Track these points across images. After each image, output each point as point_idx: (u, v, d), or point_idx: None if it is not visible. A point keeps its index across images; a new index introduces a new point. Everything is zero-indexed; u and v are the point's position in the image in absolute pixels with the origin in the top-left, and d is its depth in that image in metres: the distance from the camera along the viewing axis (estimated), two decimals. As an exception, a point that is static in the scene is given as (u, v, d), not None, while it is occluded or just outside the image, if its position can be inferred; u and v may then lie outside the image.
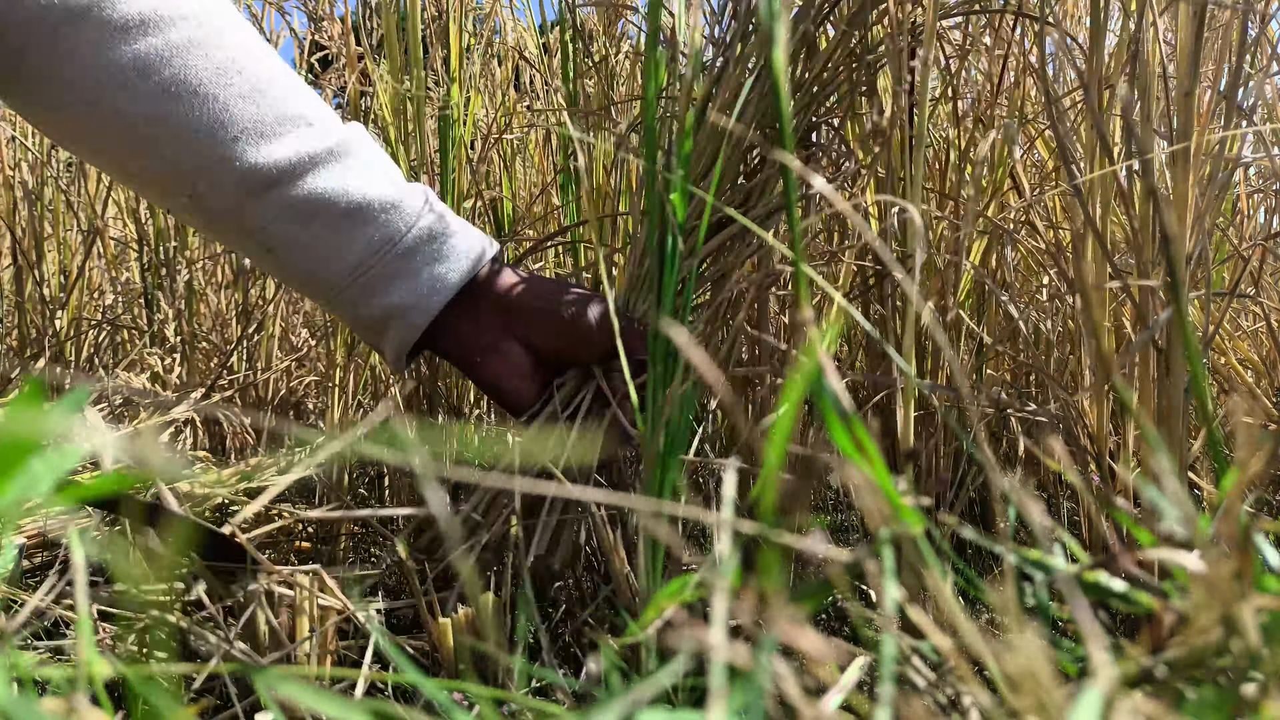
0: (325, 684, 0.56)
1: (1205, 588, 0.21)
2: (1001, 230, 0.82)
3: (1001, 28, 0.84)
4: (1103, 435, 0.73)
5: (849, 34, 0.67)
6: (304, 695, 0.21)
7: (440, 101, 0.96)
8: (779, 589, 0.22)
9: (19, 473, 0.19)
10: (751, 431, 0.70)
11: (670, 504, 0.51)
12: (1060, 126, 0.67)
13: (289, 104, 0.63)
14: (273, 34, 1.45)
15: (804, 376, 0.24)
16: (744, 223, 0.51)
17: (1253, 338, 0.99)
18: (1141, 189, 0.66)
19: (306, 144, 0.62)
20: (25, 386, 0.18)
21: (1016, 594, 0.24)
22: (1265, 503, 0.91)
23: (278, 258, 0.64)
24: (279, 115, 0.62)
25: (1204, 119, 0.63)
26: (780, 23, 0.31)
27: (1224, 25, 0.65)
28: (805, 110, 0.69)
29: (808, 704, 0.20)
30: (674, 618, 0.23)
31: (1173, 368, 0.63)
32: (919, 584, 0.24)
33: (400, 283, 0.64)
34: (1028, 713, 0.20)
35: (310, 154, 0.62)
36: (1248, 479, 0.23)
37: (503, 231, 1.07)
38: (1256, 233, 1.07)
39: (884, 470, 0.25)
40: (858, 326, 0.89)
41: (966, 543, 0.86)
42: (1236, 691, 0.21)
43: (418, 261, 0.64)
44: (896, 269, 0.33)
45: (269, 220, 0.63)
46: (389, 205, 0.64)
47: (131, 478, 0.28)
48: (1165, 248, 0.60)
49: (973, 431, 0.66)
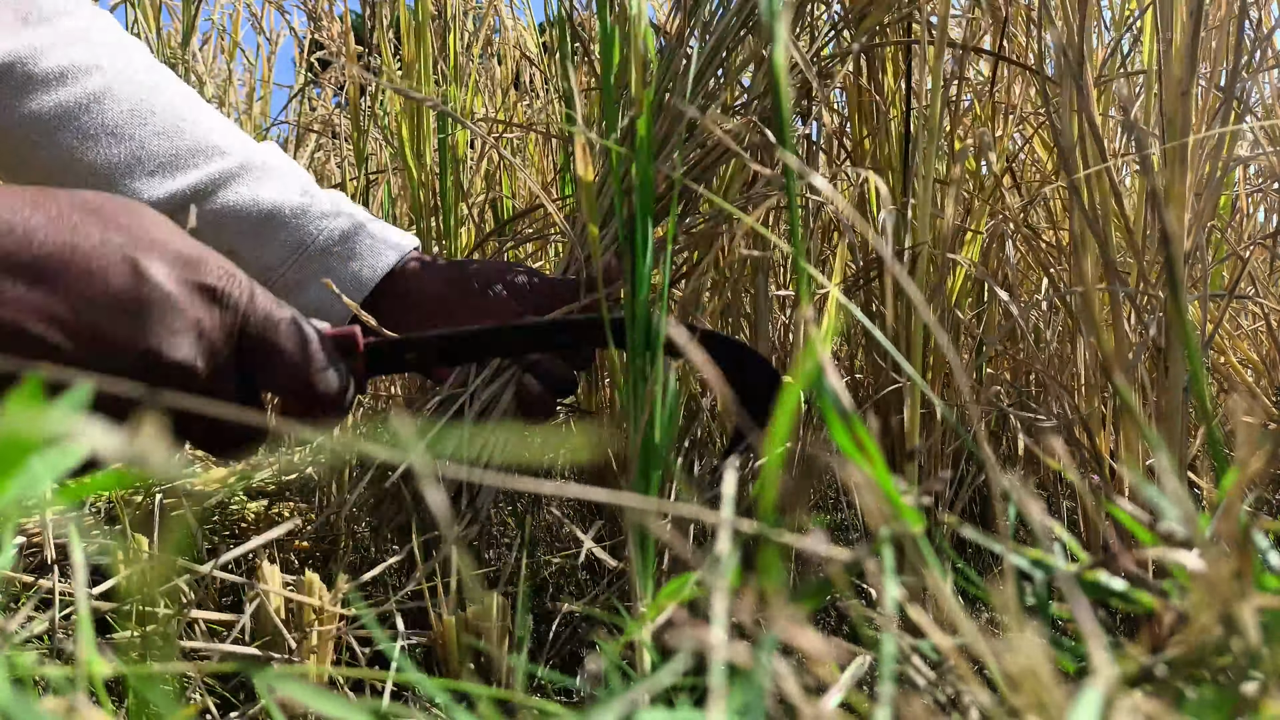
0: (325, 683, 0.56)
1: (1205, 587, 0.21)
2: (1001, 229, 0.82)
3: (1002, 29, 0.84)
4: (1102, 435, 0.73)
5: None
6: (304, 695, 0.21)
7: (440, 101, 0.96)
8: (779, 588, 0.22)
9: (19, 472, 0.19)
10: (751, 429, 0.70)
11: (665, 502, 0.51)
12: (1059, 126, 0.67)
13: (202, 136, 0.67)
14: (272, 33, 1.44)
15: (804, 375, 0.24)
16: (729, 209, 0.51)
17: (1252, 337, 0.99)
18: (1141, 187, 0.66)
19: (220, 167, 0.67)
20: (25, 386, 0.18)
21: (1016, 593, 0.24)
22: (1265, 502, 0.91)
23: None
24: (193, 147, 0.66)
25: (1201, 117, 0.63)
26: (780, 21, 0.31)
27: (1222, 21, 0.65)
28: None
29: (808, 703, 0.20)
30: (674, 617, 0.23)
31: (1172, 367, 0.63)
32: (919, 583, 0.24)
33: (316, 283, 0.67)
34: (1028, 712, 0.20)
35: (221, 173, 0.66)
36: (1247, 478, 0.23)
37: (502, 230, 1.07)
38: (1256, 232, 1.07)
39: (884, 469, 0.25)
40: (857, 324, 0.89)
41: (966, 542, 0.86)
42: (1236, 690, 0.21)
43: (332, 262, 0.67)
44: (896, 268, 0.33)
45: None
46: (299, 211, 0.67)
47: (131, 477, 0.28)
48: (1164, 247, 0.60)
49: (973, 430, 0.66)
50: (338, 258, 0.67)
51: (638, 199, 0.52)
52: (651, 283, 0.53)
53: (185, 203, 0.65)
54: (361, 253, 0.68)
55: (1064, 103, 0.65)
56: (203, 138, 0.67)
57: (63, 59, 0.63)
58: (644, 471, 0.51)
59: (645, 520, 0.49)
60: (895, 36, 0.78)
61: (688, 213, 0.70)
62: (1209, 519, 0.25)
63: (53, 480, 0.19)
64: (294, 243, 0.67)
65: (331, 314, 0.67)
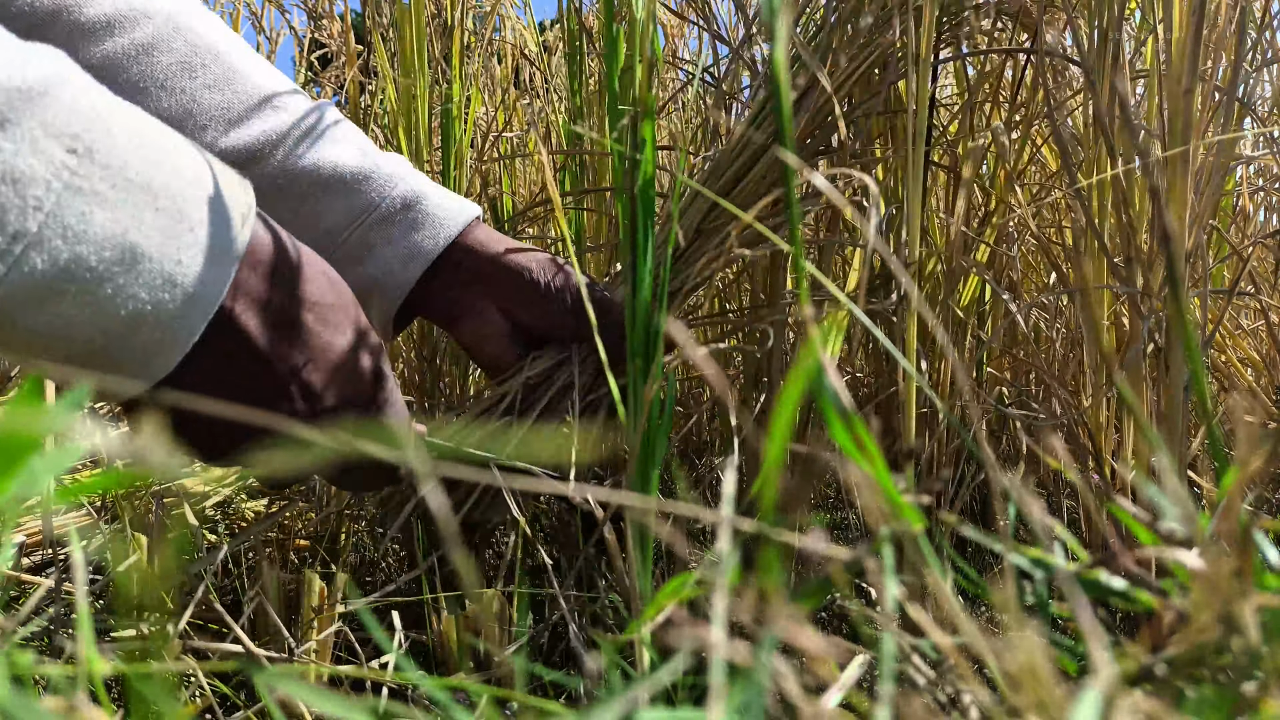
0: (325, 682, 0.56)
1: (1205, 586, 0.21)
2: (1004, 229, 0.82)
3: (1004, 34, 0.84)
4: (1103, 434, 0.73)
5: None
6: (304, 694, 0.21)
7: (441, 100, 0.96)
8: (779, 587, 0.22)
9: (19, 471, 0.19)
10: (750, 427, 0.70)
11: (664, 501, 0.51)
12: (1061, 127, 0.67)
13: (256, 90, 0.64)
14: (272, 31, 1.44)
15: (804, 374, 0.24)
16: (740, 215, 0.51)
17: (1252, 336, 0.99)
18: (1141, 186, 0.66)
19: (275, 125, 0.64)
20: (25, 384, 0.18)
21: (1016, 592, 0.24)
22: (1265, 501, 0.91)
23: None
24: (246, 101, 0.64)
25: (1203, 116, 0.63)
26: (781, 19, 0.30)
27: (1225, 21, 0.65)
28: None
29: (807, 702, 0.20)
30: (674, 616, 0.23)
31: (1172, 366, 0.63)
32: (919, 582, 0.24)
33: (378, 251, 0.65)
34: (1028, 711, 0.20)
35: (279, 133, 0.64)
36: (1248, 477, 0.23)
37: (502, 228, 1.07)
38: (1256, 231, 1.07)
39: (884, 468, 0.25)
40: (858, 324, 0.89)
41: (966, 541, 0.86)
42: (1236, 689, 0.21)
43: (395, 230, 0.65)
44: (901, 272, 0.33)
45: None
46: (362, 176, 0.65)
47: (131, 476, 0.28)
48: (1165, 246, 0.60)
49: (973, 430, 0.66)
50: (401, 226, 0.65)
51: (639, 200, 0.52)
52: (653, 284, 0.53)
53: (241, 160, 0.63)
54: (424, 222, 0.66)
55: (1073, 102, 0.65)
56: (255, 92, 0.64)
57: (108, 6, 0.61)
58: (643, 470, 0.51)
59: (644, 519, 0.49)
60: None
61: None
62: (1209, 518, 0.25)
63: (53, 479, 0.19)
64: (358, 209, 0.65)
65: (391, 283, 0.65)
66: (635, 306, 0.53)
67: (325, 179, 0.64)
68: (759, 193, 0.67)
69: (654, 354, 0.52)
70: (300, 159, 0.64)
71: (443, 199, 0.67)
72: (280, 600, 0.64)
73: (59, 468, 0.19)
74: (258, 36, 1.44)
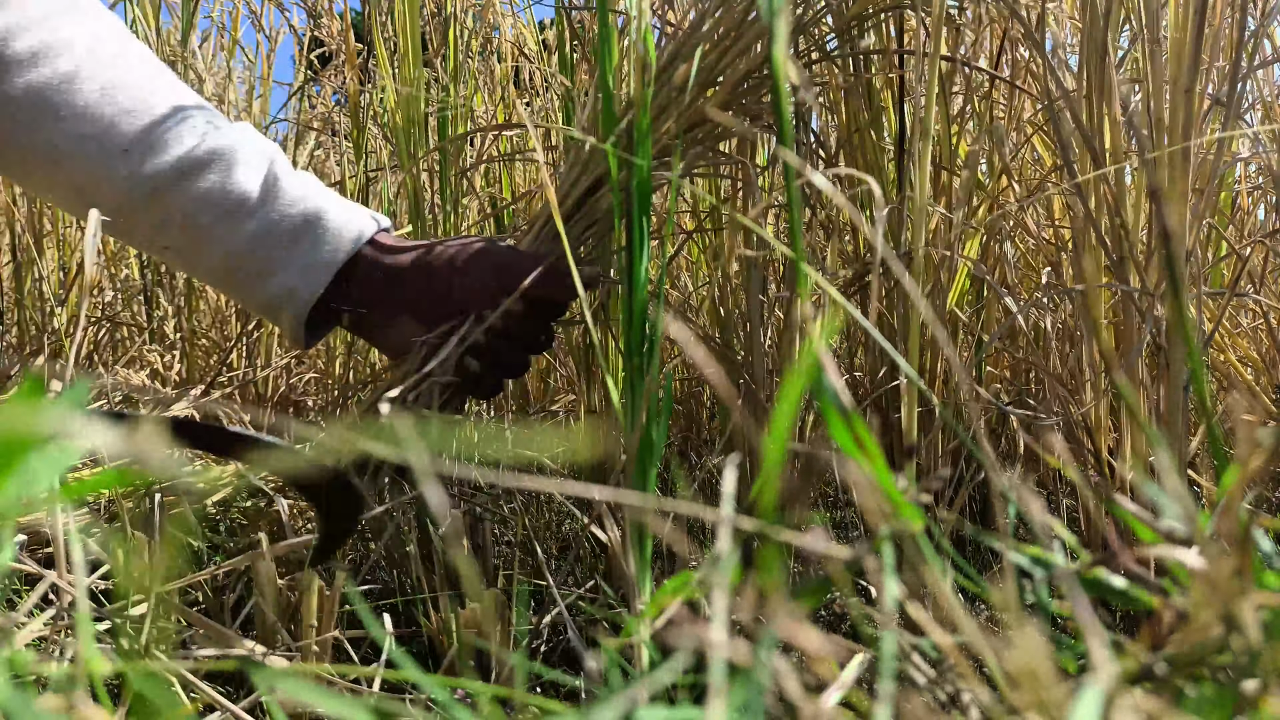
0: (324, 680, 0.56)
1: (1205, 585, 0.21)
2: (1000, 227, 0.82)
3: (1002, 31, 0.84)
4: (1102, 433, 0.73)
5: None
6: (304, 692, 0.21)
7: (439, 99, 0.96)
8: (778, 586, 0.22)
9: (18, 469, 0.19)
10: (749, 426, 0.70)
11: (663, 499, 0.51)
12: (1061, 125, 0.67)
13: (174, 115, 0.68)
14: (272, 30, 1.44)
15: (804, 372, 0.24)
16: (739, 219, 0.51)
17: (1252, 335, 0.99)
18: (1138, 186, 0.66)
19: (190, 149, 0.67)
20: (25, 383, 0.18)
21: (1016, 591, 0.24)
22: (1265, 499, 0.91)
23: (174, 255, 0.70)
24: (164, 127, 0.67)
25: (1202, 115, 0.63)
26: (781, 18, 0.30)
27: (1226, 20, 0.65)
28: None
29: (807, 701, 0.20)
30: (674, 615, 0.23)
31: (1172, 365, 0.63)
32: (919, 581, 0.24)
33: (283, 267, 0.68)
34: (1028, 710, 0.20)
35: (194, 158, 0.67)
36: (1247, 476, 0.23)
37: (502, 227, 1.07)
38: (1256, 230, 1.07)
39: (884, 467, 0.25)
40: (857, 323, 0.89)
41: (966, 540, 0.86)
42: (1237, 688, 0.21)
43: (300, 246, 0.68)
44: (897, 265, 0.33)
45: (159, 221, 0.68)
46: (266, 198, 0.68)
47: (131, 475, 0.28)
48: (1165, 245, 0.60)
49: (972, 428, 0.66)
50: (303, 243, 0.68)
51: (636, 199, 0.52)
52: (649, 281, 0.53)
53: (160, 185, 0.66)
54: (324, 238, 0.69)
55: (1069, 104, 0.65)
56: (174, 117, 0.67)
57: (34, 40, 0.64)
58: (641, 468, 0.51)
59: (643, 518, 0.49)
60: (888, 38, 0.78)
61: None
62: (1209, 517, 0.25)
63: (52, 477, 0.19)
64: (260, 230, 0.68)
65: (295, 298, 0.68)
66: (633, 306, 0.53)
67: (234, 202, 0.68)
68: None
69: (652, 352, 0.52)
70: (210, 184, 0.67)
71: (345, 214, 0.70)
72: (278, 602, 0.64)
73: (59, 467, 0.19)
74: (257, 35, 1.44)
